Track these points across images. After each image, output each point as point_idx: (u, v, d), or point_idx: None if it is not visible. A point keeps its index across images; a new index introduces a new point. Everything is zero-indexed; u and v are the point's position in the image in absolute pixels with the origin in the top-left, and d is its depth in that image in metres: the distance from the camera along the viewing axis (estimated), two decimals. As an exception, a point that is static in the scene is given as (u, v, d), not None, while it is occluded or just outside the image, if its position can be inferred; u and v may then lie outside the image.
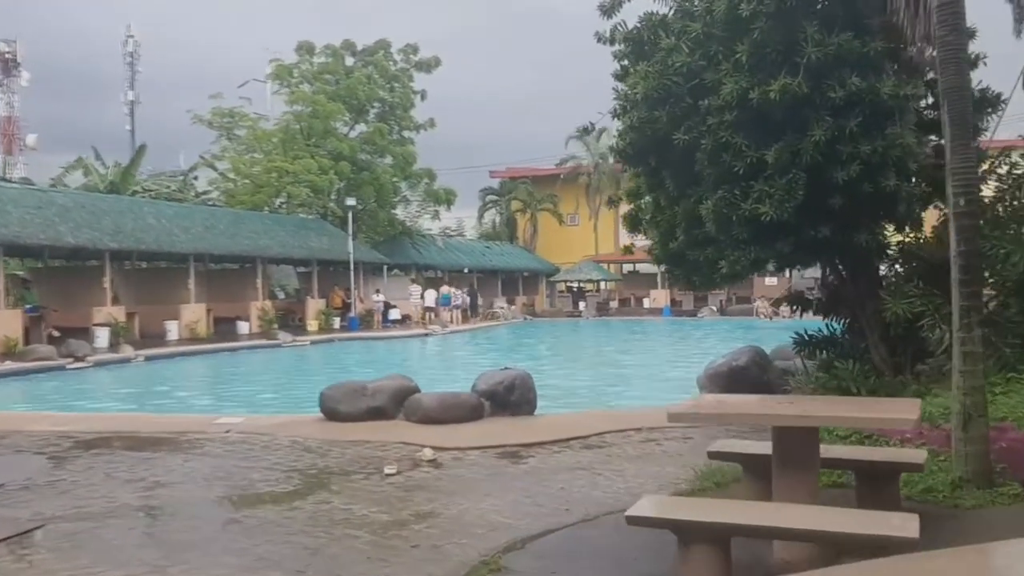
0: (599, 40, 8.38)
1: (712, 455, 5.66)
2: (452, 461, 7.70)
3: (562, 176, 52.09)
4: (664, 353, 24.02)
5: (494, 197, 56.99)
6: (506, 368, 10.50)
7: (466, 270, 43.01)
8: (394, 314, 34.99)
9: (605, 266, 48.76)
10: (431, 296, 35.47)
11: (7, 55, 58.51)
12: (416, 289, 36.23)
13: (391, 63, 39.57)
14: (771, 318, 38.27)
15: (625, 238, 53.92)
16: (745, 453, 5.47)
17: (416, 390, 10.09)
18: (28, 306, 22.24)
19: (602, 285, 48.75)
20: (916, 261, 7.81)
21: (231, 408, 12.97)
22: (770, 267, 8.78)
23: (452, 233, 53.98)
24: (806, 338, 9.15)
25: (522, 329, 36.15)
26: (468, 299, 38.14)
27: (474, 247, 48.37)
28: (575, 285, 47.84)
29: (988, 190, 8.17)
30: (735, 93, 6.94)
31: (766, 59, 6.99)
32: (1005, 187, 8.30)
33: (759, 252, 7.42)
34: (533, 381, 10.16)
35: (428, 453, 7.80)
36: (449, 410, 9.58)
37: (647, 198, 9.00)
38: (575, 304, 45.70)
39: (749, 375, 11.11)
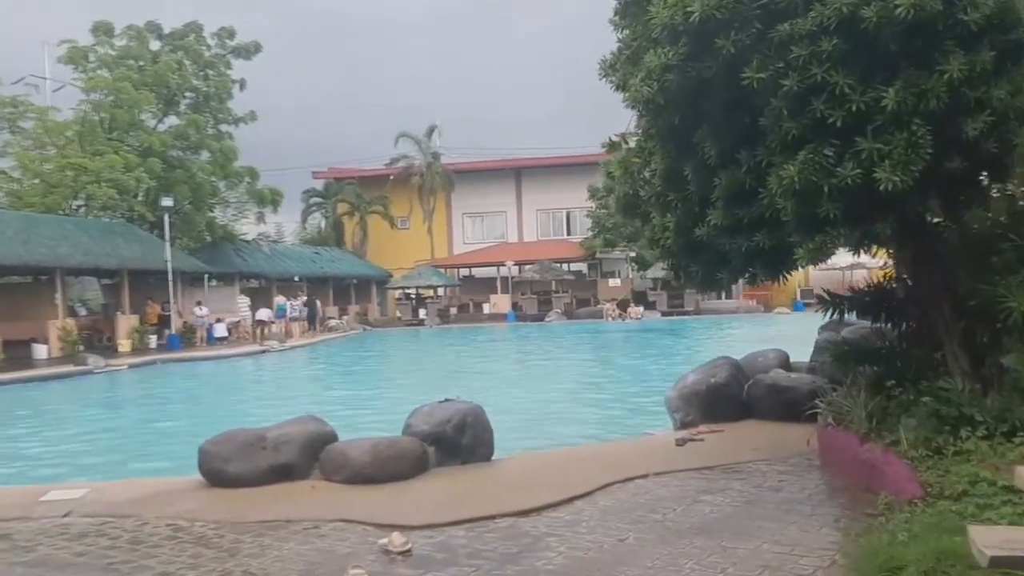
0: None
1: (996, 561, 3.57)
2: (438, 551, 5.22)
3: (392, 177, 49.35)
4: (544, 364, 22.10)
5: (319, 199, 53.31)
6: (447, 400, 8.05)
7: (297, 278, 39.40)
8: (220, 330, 31.07)
9: (443, 271, 46.56)
10: (264, 311, 31.82)
11: None
12: (245, 300, 32.44)
13: (204, 48, 35.42)
14: (620, 320, 37.56)
15: (460, 241, 52.49)
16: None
17: (332, 436, 7.45)
18: None
19: (439, 291, 46.42)
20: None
21: (50, 468, 9.67)
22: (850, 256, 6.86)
23: (272, 239, 49.92)
24: (848, 348, 7.30)
25: (365, 341, 33.22)
26: (306, 309, 34.67)
27: (303, 253, 44.67)
28: (413, 292, 45.24)
29: None
30: (844, 8, 4.97)
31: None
32: None
33: (858, 233, 5.46)
34: (486, 416, 7.77)
35: (397, 540, 5.26)
36: (386, 464, 7.02)
37: (652, 168, 6.83)
38: (415, 312, 43.10)
39: (729, 393, 9.31)
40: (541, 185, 51.40)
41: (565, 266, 45.88)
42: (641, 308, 38.83)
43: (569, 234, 51.30)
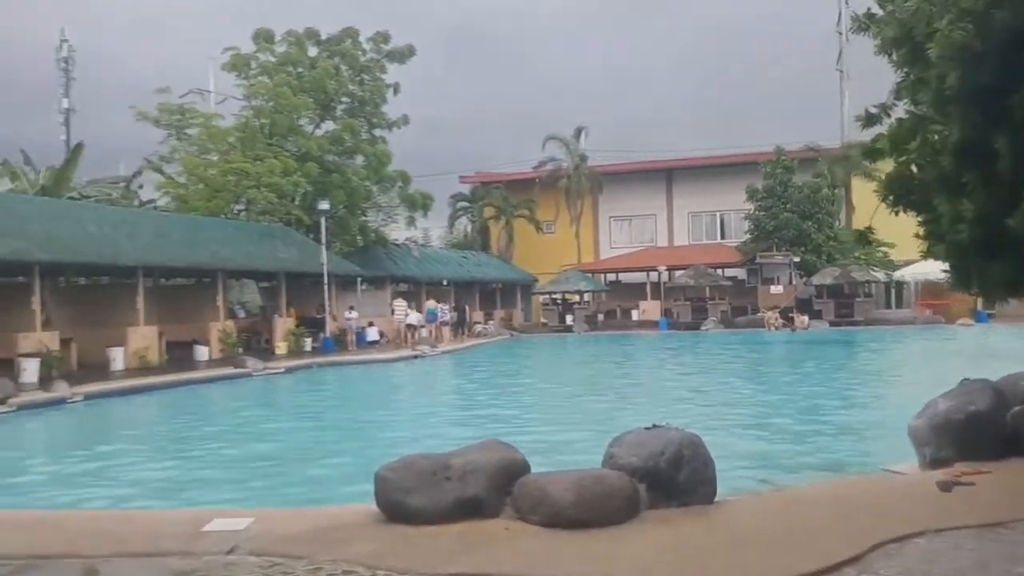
0: None
1: None
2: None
3: (539, 180, 48.57)
4: (719, 379, 20.36)
5: (466, 203, 53.24)
6: (655, 426, 6.78)
7: (445, 282, 39.15)
8: (372, 333, 31.02)
9: (590, 275, 45.33)
10: (415, 315, 31.49)
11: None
12: (401, 304, 32.23)
13: (360, 52, 35.63)
14: (786, 329, 35.23)
15: (607, 246, 51.10)
16: None
17: (524, 465, 6.32)
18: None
19: (586, 297, 45.12)
20: None
21: (213, 480, 9.07)
22: None
23: (419, 243, 50.18)
24: None
25: (515, 347, 32.39)
26: (455, 314, 34.21)
27: (450, 257, 44.52)
28: (559, 297, 44.21)
29: None
30: None
31: None
32: None
33: None
34: (706, 448, 6.46)
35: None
36: (593, 504, 5.81)
37: (935, 143, 5.36)
38: (561, 317, 42.02)
39: (991, 424, 7.61)
40: (692, 187, 49.48)
41: (720, 271, 43.75)
42: (806, 317, 36.28)
43: (723, 238, 49.08)
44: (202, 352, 24.21)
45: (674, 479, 6.23)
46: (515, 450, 6.46)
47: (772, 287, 39.85)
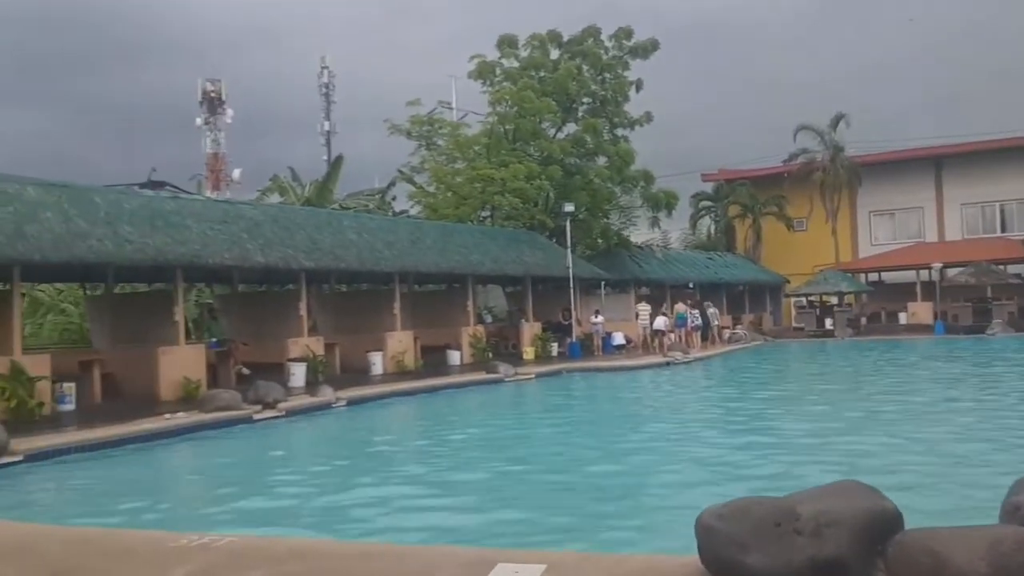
0: None
1: None
2: None
3: (787, 176, 45.38)
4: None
5: (708, 203, 50.97)
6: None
7: (691, 285, 37.35)
8: (618, 338, 29.98)
9: (850, 276, 41.59)
10: (661, 319, 30.04)
11: (212, 94, 59.11)
12: (645, 308, 30.96)
13: (602, 51, 34.75)
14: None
15: (866, 243, 46.83)
16: None
17: (896, 518, 4.82)
18: (213, 340, 18.95)
19: (845, 299, 41.35)
20: None
21: (489, 503, 8.22)
22: None
23: (660, 245, 48.60)
24: None
25: (773, 354, 30.01)
26: (701, 319, 32.33)
27: (695, 258, 42.57)
28: (815, 299, 40.86)
29: None
30: None
31: None
32: None
33: None
34: None
35: None
36: (1009, 570, 4.25)
37: None
38: (819, 321, 38.75)
39: None
40: (965, 176, 44.19)
41: (1004, 268, 38.60)
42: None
43: (1004, 231, 43.47)
44: (455, 357, 24.27)
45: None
46: (883, 497, 4.95)
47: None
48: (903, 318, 39.54)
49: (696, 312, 31.19)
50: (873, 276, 43.60)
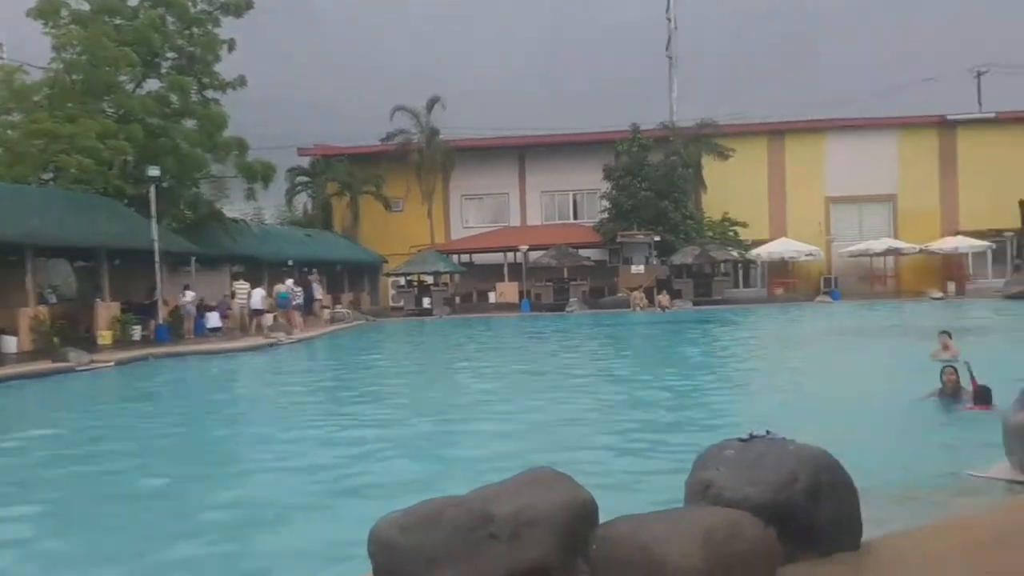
0: None
1: None
2: None
3: (385, 155, 45.63)
4: (627, 364, 18.54)
5: (305, 178, 49.43)
6: (752, 437, 4.69)
7: (290, 262, 35.72)
8: (213, 319, 27.44)
9: (447, 256, 43.05)
10: (257, 295, 28.13)
11: None
12: (243, 287, 28.72)
13: (189, 3, 31.50)
14: (657, 310, 34.43)
15: (459, 225, 48.96)
16: None
17: (592, 504, 4.10)
18: None
19: (441, 279, 42.75)
20: None
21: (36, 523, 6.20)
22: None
23: (255, 220, 46.13)
24: None
25: (380, 333, 29.61)
26: (305, 294, 30.95)
27: (293, 235, 40.94)
28: (414, 279, 41.61)
29: None
30: None
31: None
32: None
33: None
34: (844, 469, 4.45)
35: None
36: (725, 561, 3.72)
37: None
38: (417, 300, 39.48)
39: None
40: (545, 166, 48.17)
41: (578, 251, 42.73)
42: (667, 296, 35.71)
43: (576, 218, 48.14)
44: (10, 343, 20.16)
45: (813, 516, 4.22)
46: (576, 484, 4.19)
47: (633, 267, 39.13)
48: (492, 297, 41.98)
49: (299, 290, 29.67)
50: (465, 257, 45.59)
